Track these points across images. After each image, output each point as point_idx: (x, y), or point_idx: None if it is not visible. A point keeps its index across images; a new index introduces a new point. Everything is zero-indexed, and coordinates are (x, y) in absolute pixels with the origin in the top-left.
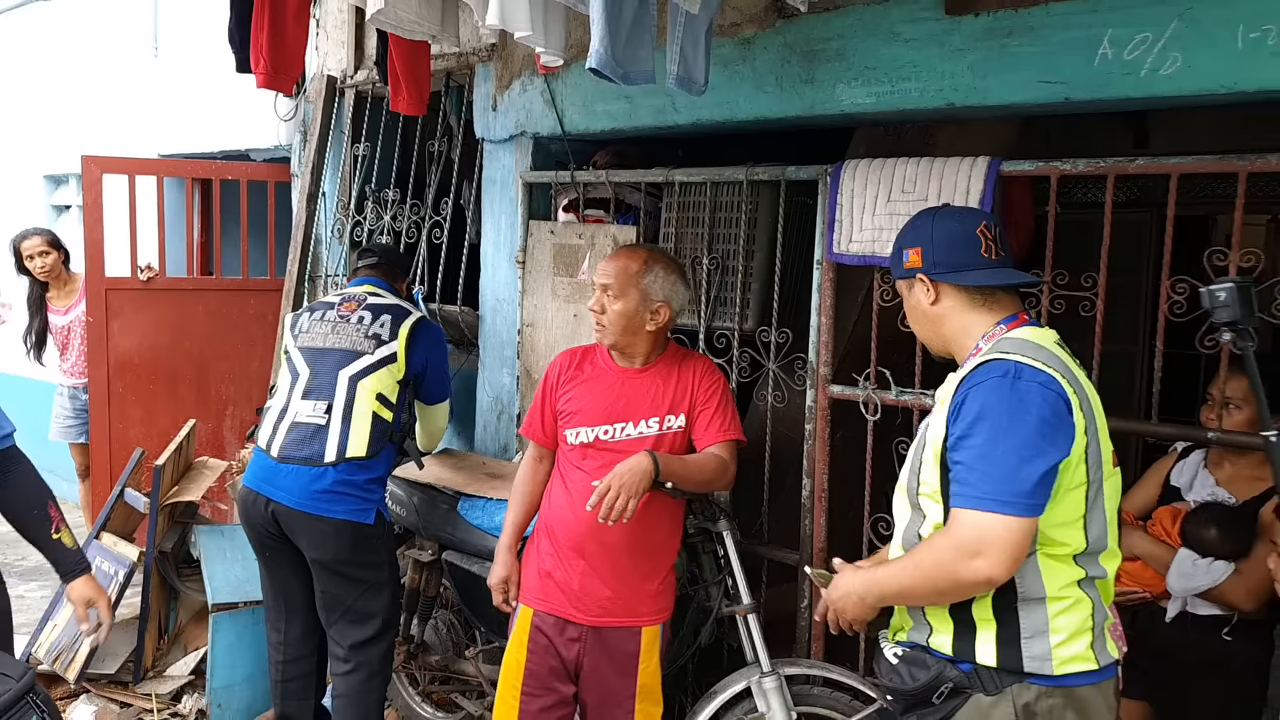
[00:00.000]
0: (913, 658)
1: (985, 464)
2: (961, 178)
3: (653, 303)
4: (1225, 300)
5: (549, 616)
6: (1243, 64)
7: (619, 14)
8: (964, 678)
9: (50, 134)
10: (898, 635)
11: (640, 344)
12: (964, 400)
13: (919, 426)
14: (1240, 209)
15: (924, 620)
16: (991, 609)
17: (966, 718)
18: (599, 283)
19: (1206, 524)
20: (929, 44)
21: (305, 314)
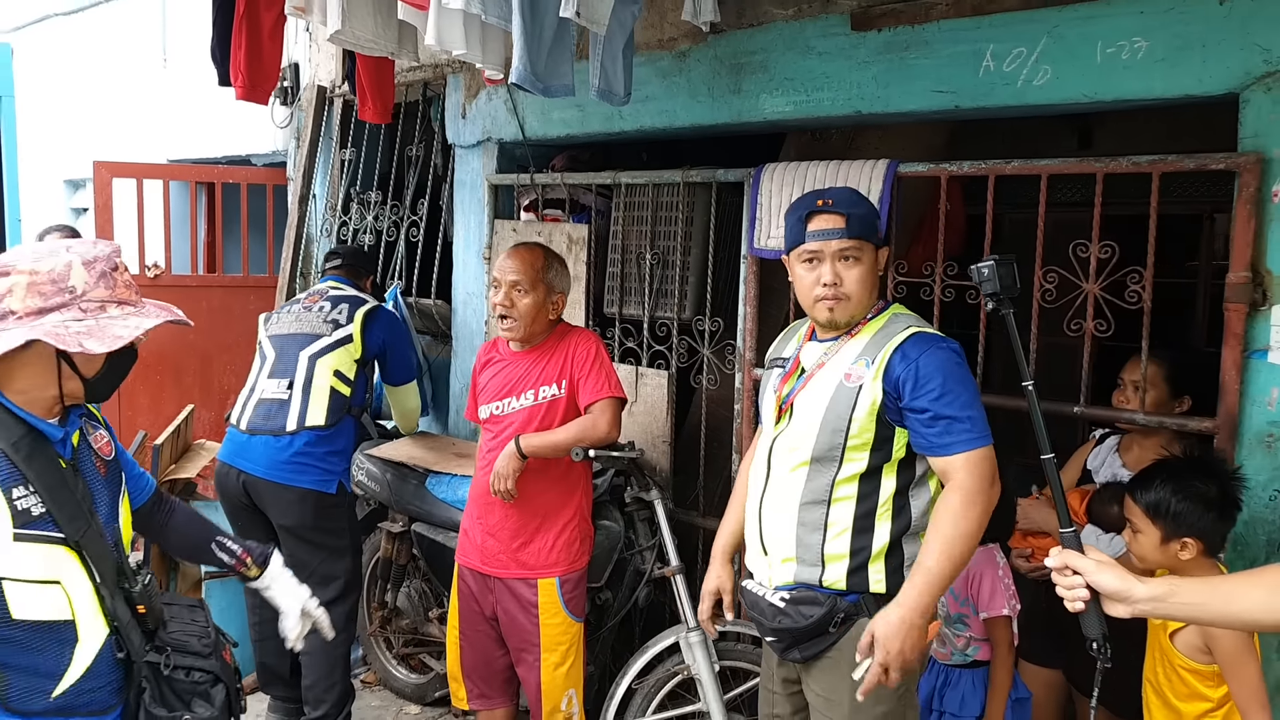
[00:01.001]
0: (802, 598)
1: (970, 411)
2: (864, 179)
3: (554, 294)
4: (988, 275)
5: (467, 570)
6: (1101, 76)
7: (540, 33)
8: (852, 607)
9: (69, 141)
10: (773, 580)
11: (539, 332)
12: (918, 367)
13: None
14: (1099, 206)
15: (819, 559)
16: (889, 543)
17: (850, 641)
18: (507, 280)
19: (1109, 501)
20: (839, 57)
21: (277, 311)
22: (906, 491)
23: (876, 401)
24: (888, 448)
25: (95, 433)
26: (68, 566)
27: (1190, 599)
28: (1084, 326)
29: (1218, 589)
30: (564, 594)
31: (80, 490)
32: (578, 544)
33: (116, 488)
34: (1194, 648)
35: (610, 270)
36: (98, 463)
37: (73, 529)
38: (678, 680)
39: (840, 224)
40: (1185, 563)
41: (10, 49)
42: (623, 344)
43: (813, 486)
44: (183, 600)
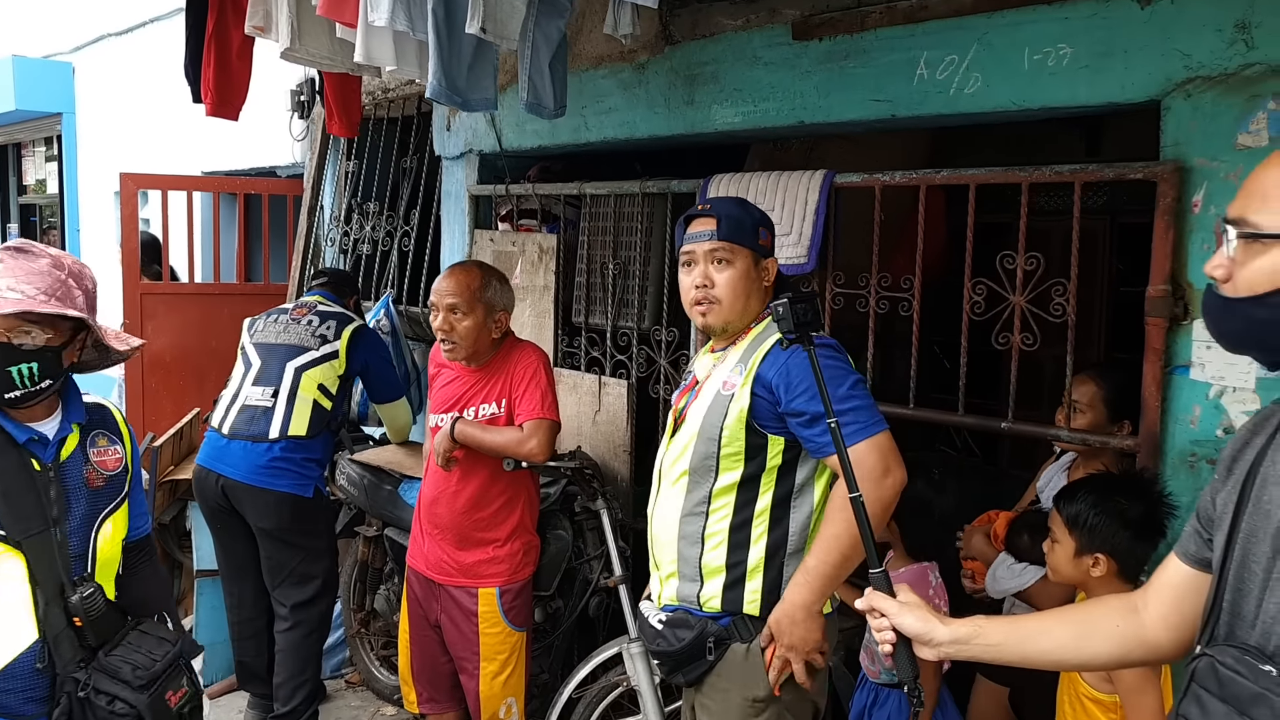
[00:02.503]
0: (676, 620)
1: (847, 404)
2: (802, 189)
3: (495, 313)
4: (782, 314)
5: (414, 573)
6: (1029, 83)
7: (458, 48)
8: (724, 630)
9: (121, 153)
10: (662, 601)
11: (483, 351)
12: (788, 369)
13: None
14: (1025, 215)
15: (697, 573)
16: (764, 558)
17: (728, 666)
18: (444, 304)
19: (1020, 530)
20: (783, 67)
21: (261, 318)
22: (787, 502)
23: (744, 409)
24: (761, 456)
25: (106, 447)
26: (4, 564)
27: (993, 640)
28: (1011, 339)
29: (1021, 629)
30: (504, 604)
31: (52, 495)
32: (520, 555)
33: (108, 502)
34: (1098, 676)
35: (578, 280)
36: (91, 474)
37: (17, 529)
38: (620, 691)
39: (711, 226)
40: (1095, 580)
41: (71, 68)
42: (588, 353)
43: (692, 498)
44: (160, 632)
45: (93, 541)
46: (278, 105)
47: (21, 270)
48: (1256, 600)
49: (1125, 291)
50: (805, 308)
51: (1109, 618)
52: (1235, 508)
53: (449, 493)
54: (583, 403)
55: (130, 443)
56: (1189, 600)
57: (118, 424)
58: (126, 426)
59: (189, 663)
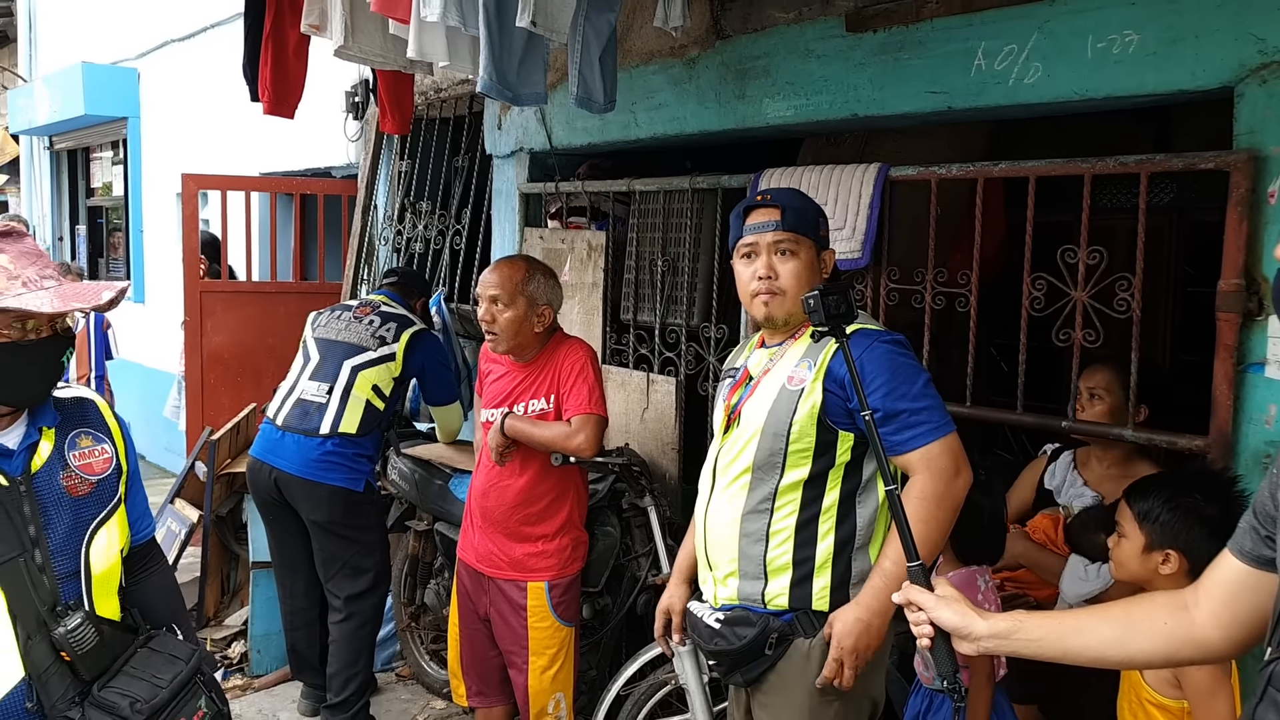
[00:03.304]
0: (736, 618)
1: (921, 402)
2: (856, 182)
3: (538, 306)
4: (813, 306)
5: (464, 565)
6: (1092, 72)
7: (509, 42)
8: (786, 626)
9: (183, 156)
10: (719, 601)
11: (528, 345)
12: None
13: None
14: (1087, 207)
15: (761, 571)
16: (833, 553)
17: (790, 662)
18: (486, 295)
19: (1093, 529)
20: (836, 60)
21: (326, 312)
22: (853, 498)
23: (817, 405)
24: (830, 453)
25: (91, 447)
26: None
27: (1033, 635)
28: (1072, 336)
29: (1065, 624)
30: (553, 599)
31: (25, 512)
32: (569, 550)
33: (98, 510)
34: (1163, 680)
35: (627, 277)
36: (71, 482)
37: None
38: (668, 689)
39: (775, 216)
40: (1164, 578)
41: (137, 73)
42: (636, 351)
43: (755, 496)
44: (171, 648)
45: (84, 557)
46: (333, 106)
47: (31, 255)
48: None
49: (1192, 292)
50: (838, 299)
51: (1156, 614)
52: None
53: (499, 486)
54: (630, 400)
55: (123, 437)
56: (1243, 598)
57: (104, 418)
58: (116, 419)
59: (209, 677)
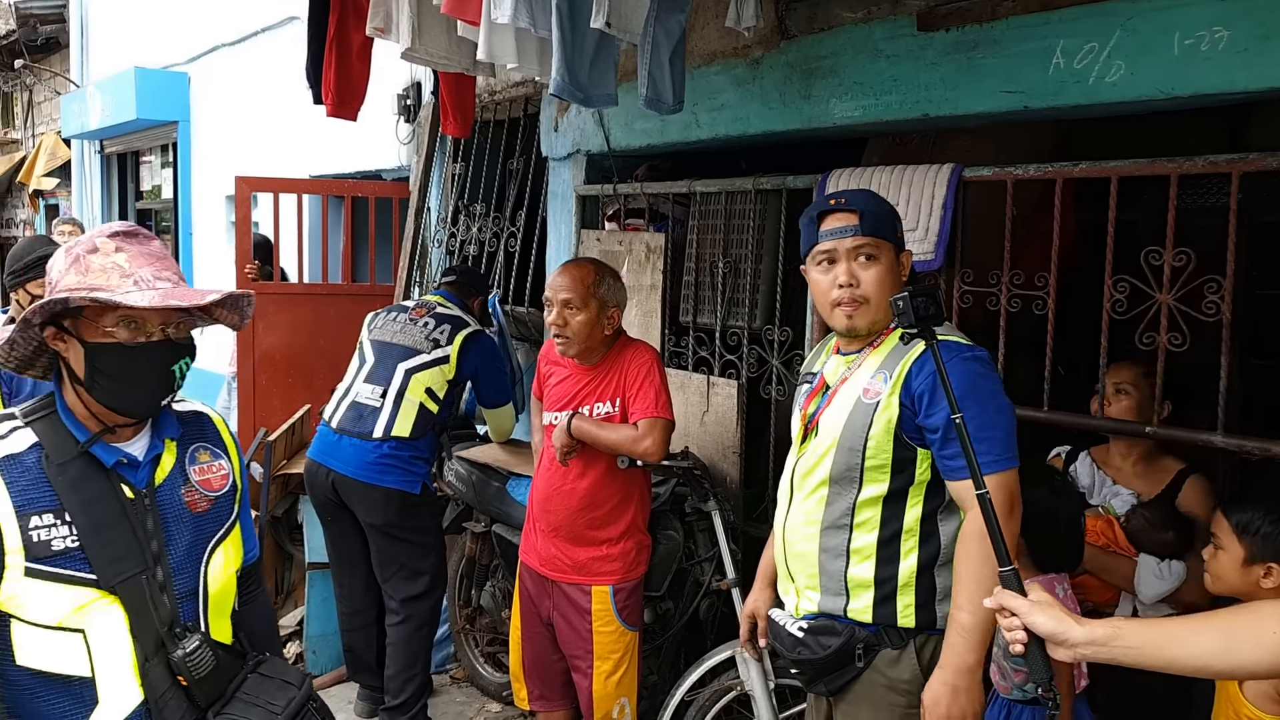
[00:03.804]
0: (819, 628)
1: (989, 431)
2: (928, 184)
3: (608, 309)
4: (903, 308)
5: (526, 568)
6: (1178, 70)
7: (581, 43)
8: (873, 637)
9: (233, 159)
10: (800, 609)
11: (596, 348)
12: (934, 380)
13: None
14: (1173, 208)
15: (843, 588)
16: (916, 572)
17: (876, 672)
18: (558, 298)
19: (1160, 527)
20: (907, 59)
21: (383, 313)
22: (935, 517)
23: (893, 420)
24: (910, 470)
25: (209, 462)
26: (101, 615)
27: (1135, 642)
28: (1156, 340)
29: (1165, 632)
30: (617, 603)
31: (149, 527)
32: (634, 553)
33: (216, 527)
34: (1265, 696)
35: (686, 279)
36: (192, 497)
37: (110, 572)
38: (733, 695)
39: (854, 221)
40: (1266, 590)
41: (187, 77)
42: (696, 353)
43: (833, 510)
44: (283, 673)
45: (203, 576)
46: (384, 110)
47: (152, 255)
48: None
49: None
50: (926, 300)
51: (1263, 624)
52: None
53: (564, 490)
54: (690, 403)
55: (237, 455)
56: None
57: (220, 434)
58: (231, 436)
59: (321, 704)
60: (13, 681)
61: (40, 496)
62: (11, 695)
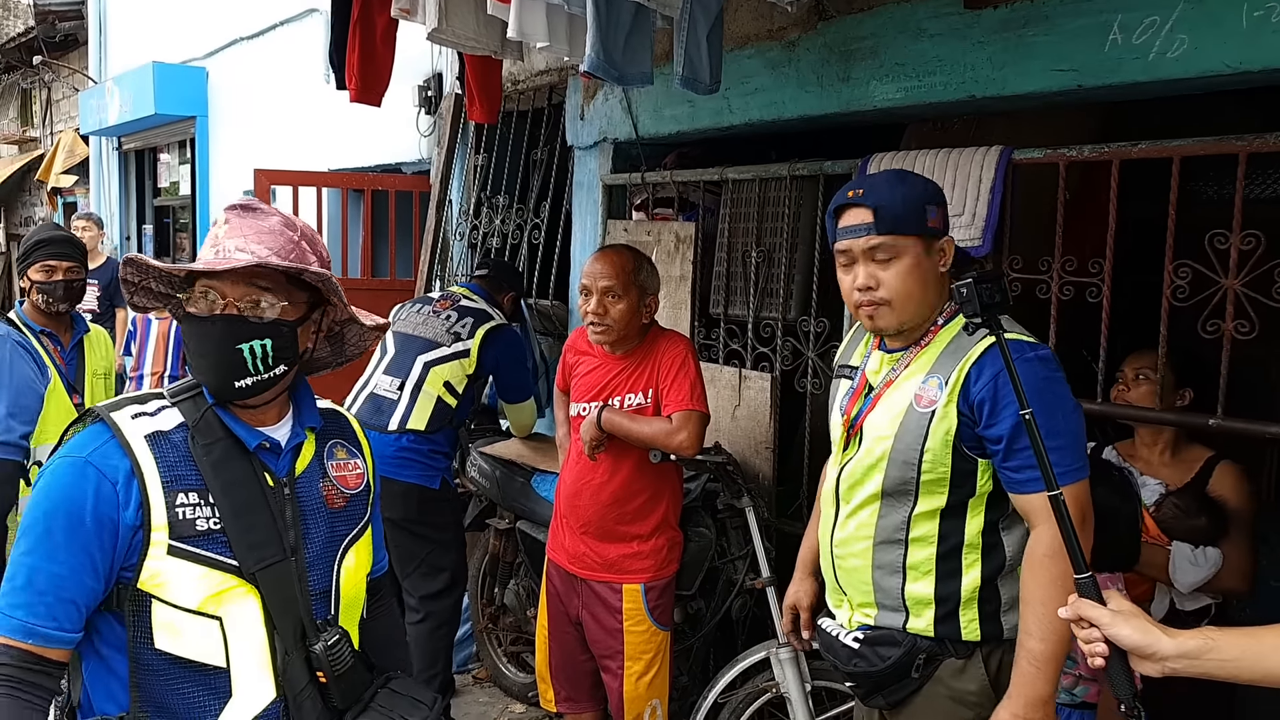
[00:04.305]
0: (877, 638)
1: (1058, 440)
2: (975, 166)
3: (646, 297)
4: (967, 296)
5: (554, 566)
6: (1247, 43)
7: (616, 18)
8: (935, 646)
9: (251, 153)
10: (854, 622)
11: (631, 336)
12: (996, 386)
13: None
14: (1240, 189)
15: (901, 605)
16: (979, 586)
17: (940, 682)
18: (599, 285)
19: (1193, 513)
20: (951, 38)
21: (408, 305)
22: (997, 527)
23: (952, 430)
24: (970, 483)
25: (346, 460)
26: (238, 603)
27: (1229, 654)
28: (1222, 328)
29: (1263, 642)
30: (649, 601)
31: (288, 516)
32: (665, 550)
33: (350, 526)
34: None
35: (717, 269)
36: (330, 492)
37: (251, 558)
38: (767, 698)
39: (868, 218)
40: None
41: (205, 72)
42: (727, 345)
43: (886, 524)
44: (414, 691)
45: (336, 576)
46: (404, 101)
47: (250, 229)
48: None
49: None
50: (991, 288)
51: None
52: None
53: (593, 485)
54: (721, 396)
55: (371, 457)
56: None
57: (355, 433)
58: (366, 438)
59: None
60: (151, 668)
61: (186, 475)
62: (148, 682)
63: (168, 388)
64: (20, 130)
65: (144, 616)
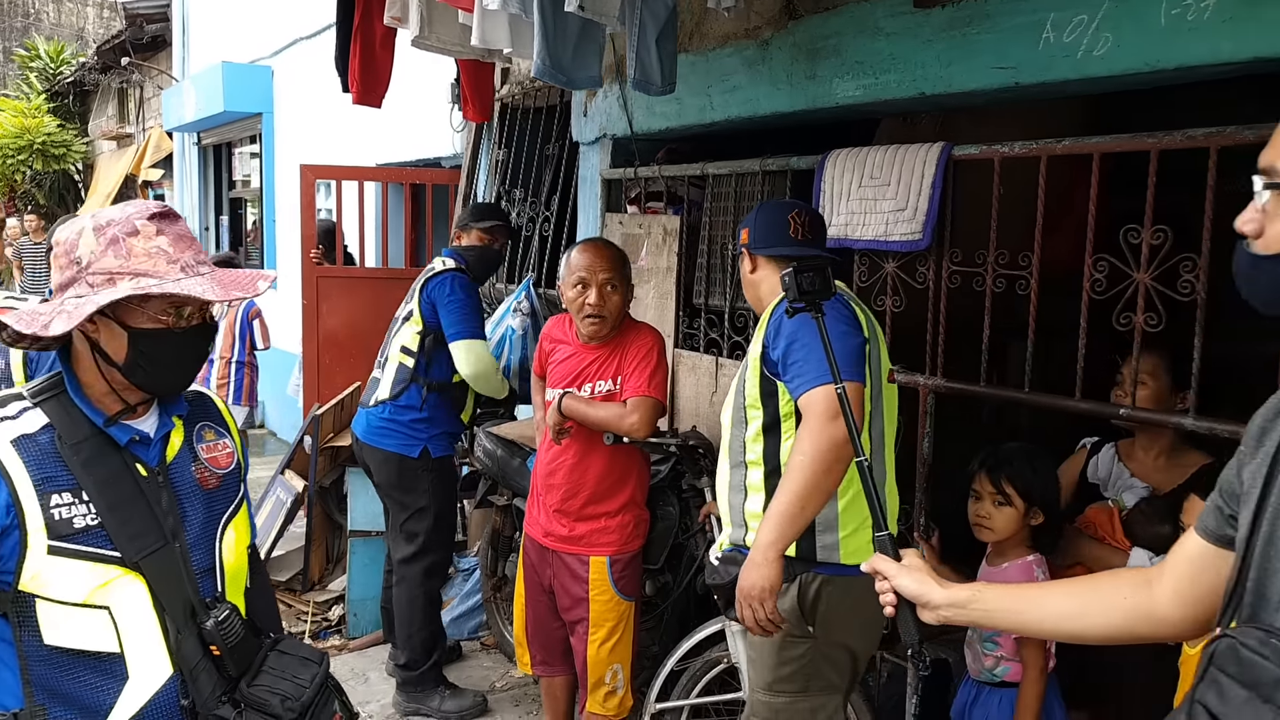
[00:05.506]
0: (729, 558)
1: (815, 355)
2: (918, 163)
3: (631, 288)
4: (788, 284)
5: (530, 540)
6: (1164, 41)
7: (564, 27)
8: None
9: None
10: (724, 543)
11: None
12: (780, 322)
13: None
14: (1152, 185)
15: (743, 520)
16: None
17: None
18: (599, 278)
19: (1158, 520)
20: (905, 37)
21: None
22: None
23: (756, 356)
24: (774, 403)
25: (215, 440)
26: (124, 591)
27: (990, 605)
28: (1133, 320)
29: (1022, 596)
30: (614, 573)
31: (164, 504)
32: (631, 527)
33: (226, 505)
34: None
35: (700, 261)
36: (202, 475)
37: (132, 548)
38: (722, 667)
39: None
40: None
41: (271, 70)
42: (707, 335)
43: (733, 449)
44: (301, 650)
45: (218, 552)
46: (439, 98)
47: (185, 237)
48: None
49: None
50: (812, 276)
51: (1118, 589)
52: (1264, 482)
53: (564, 465)
54: (700, 383)
55: (238, 434)
56: (1204, 577)
57: (221, 413)
58: (231, 416)
59: (338, 683)
60: (44, 660)
61: (57, 475)
62: (43, 675)
63: (27, 388)
64: (118, 127)
65: (29, 615)
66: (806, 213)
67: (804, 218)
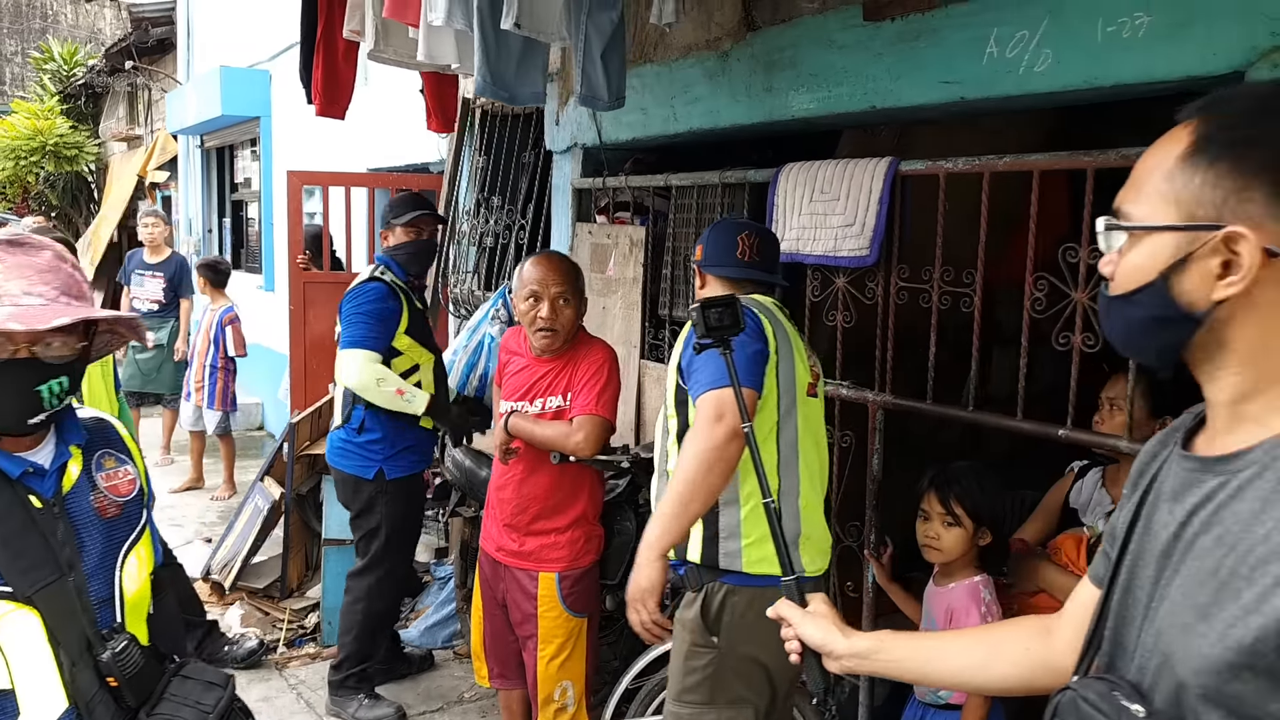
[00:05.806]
0: (677, 562)
1: (707, 367)
2: (866, 177)
3: (585, 302)
4: (696, 319)
5: (484, 554)
6: (1100, 58)
7: (506, 44)
8: (678, 579)
9: (304, 152)
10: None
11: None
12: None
13: None
14: (1090, 203)
15: None
16: None
17: (681, 610)
18: (551, 293)
19: None
20: (856, 50)
21: None
22: None
23: (674, 366)
24: (685, 411)
25: (116, 468)
26: (16, 626)
27: (894, 656)
28: (1071, 340)
29: (927, 646)
30: (563, 589)
31: (60, 535)
32: (581, 543)
33: (127, 532)
34: None
35: (664, 272)
36: (101, 503)
37: (25, 582)
38: None
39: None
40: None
41: (269, 75)
42: (671, 346)
43: (661, 458)
44: (205, 674)
45: (118, 582)
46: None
47: (29, 268)
48: (1138, 629)
49: None
50: (720, 312)
51: (1020, 640)
52: (1128, 527)
53: (514, 481)
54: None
55: (141, 460)
56: None
57: (123, 440)
58: (135, 441)
59: (244, 706)
60: None
61: None
62: None
63: None
64: (129, 128)
65: None
66: (756, 234)
67: (753, 239)
